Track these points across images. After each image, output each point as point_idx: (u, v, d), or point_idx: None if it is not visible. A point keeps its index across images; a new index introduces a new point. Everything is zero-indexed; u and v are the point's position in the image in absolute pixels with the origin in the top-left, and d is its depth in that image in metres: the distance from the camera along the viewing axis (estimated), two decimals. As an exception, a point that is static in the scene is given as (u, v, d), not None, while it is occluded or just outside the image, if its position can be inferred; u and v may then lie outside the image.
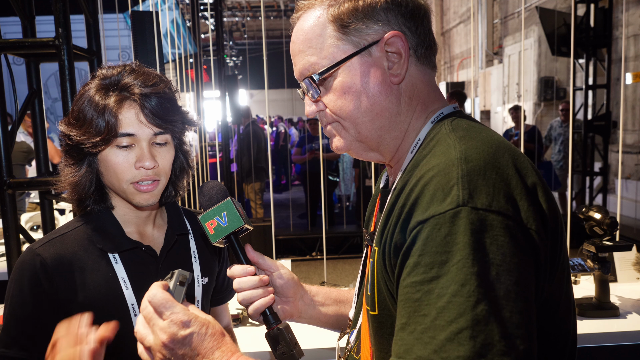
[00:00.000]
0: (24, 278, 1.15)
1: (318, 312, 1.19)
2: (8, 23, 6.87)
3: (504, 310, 0.68)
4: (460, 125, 0.88)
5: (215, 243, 1.06)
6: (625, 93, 7.99)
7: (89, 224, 1.22)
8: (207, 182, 1.12)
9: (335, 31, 0.90)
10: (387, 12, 0.89)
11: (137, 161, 1.15)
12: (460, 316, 0.67)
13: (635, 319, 2.08)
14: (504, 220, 0.72)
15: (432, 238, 0.72)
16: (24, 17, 2.51)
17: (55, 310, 1.15)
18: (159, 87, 1.16)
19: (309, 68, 0.94)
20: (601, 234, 2.08)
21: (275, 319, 1.06)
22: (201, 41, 7.26)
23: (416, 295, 0.72)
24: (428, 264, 0.72)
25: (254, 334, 2.01)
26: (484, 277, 0.68)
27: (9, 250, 2.46)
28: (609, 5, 7.21)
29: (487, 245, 0.70)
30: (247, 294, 1.05)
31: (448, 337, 0.67)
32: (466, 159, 0.77)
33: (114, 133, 1.12)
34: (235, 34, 19.53)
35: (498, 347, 0.66)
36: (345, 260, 6.58)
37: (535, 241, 0.74)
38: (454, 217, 0.72)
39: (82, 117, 1.14)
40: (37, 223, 3.58)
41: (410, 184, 0.81)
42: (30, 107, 2.59)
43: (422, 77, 0.94)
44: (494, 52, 12.75)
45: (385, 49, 0.89)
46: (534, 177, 0.80)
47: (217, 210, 1.05)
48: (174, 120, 1.18)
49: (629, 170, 8.05)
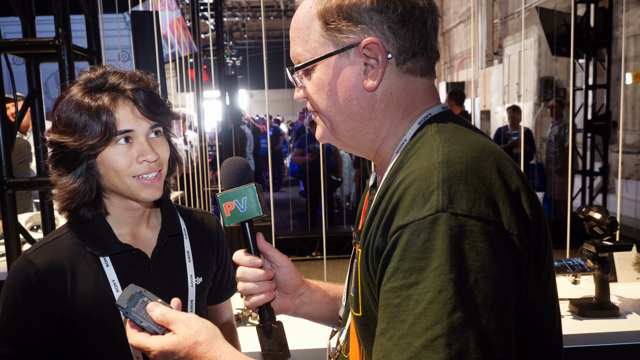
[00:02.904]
0: (17, 284, 1.18)
1: (314, 309, 1.19)
2: (8, 23, 6.87)
3: (481, 318, 0.67)
4: (447, 127, 0.86)
5: (228, 225, 1.05)
6: (625, 93, 7.99)
7: (80, 228, 1.23)
8: (232, 158, 1.08)
9: (320, 27, 0.89)
10: (372, 14, 0.86)
11: (140, 155, 1.16)
12: (437, 323, 0.66)
13: (635, 319, 2.08)
14: (484, 226, 0.71)
15: (412, 244, 0.72)
16: (24, 17, 2.51)
17: (47, 313, 1.18)
18: (145, 82, 1.20)
19: (296, 57, 0.95)
20: (601, 234, 2.08)
21: (271, 316, 1.06)
22: (201, 41, 7.26)
23: (395, 300, 0.72)
24: (407, 270, 0.71)
25: (254, 334, 2.00)
26: (461, 284, 0.68)
27: (9, 250, 2.46)
28: (609, 5, 7.21)
29: (466, 252, 0.69)
30: (248, 285, 1.05)
31: (424, 344, 0.66)
32: (448, 163, 0.76)
33: (114, 132, 1.13)
34: (235, 34, 19.53)
35: (474, 355, 0.65)
36: (345, 260, 6.58)
37: (517, 247, 0.73)
38: (433, 222, 0.71)
39: (74, 123, 1.14)
40: (37, 223, 3.58)
41: (393, 186, 0.81)
42: (30, 107, 2.59)
43: (405, 85, 0.90)
44: (494, 52, 12.75)
45: (364, 53, 0.87)
46: (518, 181, 0.79)
47: (237, 193, 1.02)
48: (164, 112, 1.21)
49: (629, 170, 8.05)
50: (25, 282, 1.17)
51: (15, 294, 1.17)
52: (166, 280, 1.28)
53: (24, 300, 1.17)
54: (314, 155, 7.49)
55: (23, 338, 1.17)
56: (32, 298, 1.17)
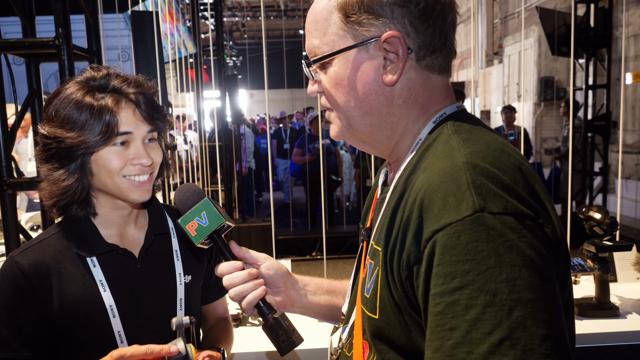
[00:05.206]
0: (4, 284, 1.19)
1: (310, 301, 1.19)
2: (8, 23, 6.88)
3: (538, 313, 0.66)
4: (463, 127, 0.86)
5: (199, 244, 1.07)
6: (625, 93, 7.99)
7: (67, 230, 1.25)
8: (181, 186, 1.14)
9: (339, 19, 0.88)
10: (394, 8, 0.85)
11: (135, 158, 1.18)
12: (498, 326, 0.65)
13: (635, 319, 2.08)
14: (521, 221, 0.71)
15: (452, 246, 0.70)
16: (24, 17, 2.51)
17: (37, 312, 1.19)
18: (146, 87, 1.22)
19: (312, 50, 0.93)
20: (601, 234, 2.08)
21: (270, 309, 1.07)
22: (201, 41, 7.26)
23: (437, 308, 0.70)
24: (448, 274, 0.69)
25: (254, 334, 2.01)
26: (513, 283, 0.66)
27: (9, 251, 2.46)
28: (609, 5, 7.21)
29: (511, 249, 0.68)
30: (237, 289, 1.05)
31: (489, 351, 0.64)
32: (472, 163, 0.75)
33: (115, 132, 1.15)
34: (235, 34, 19.52)
35: (540, 351, 0.64)
36: (346, 260, 6.57)
37: (551, 239, 0.74)
38: (473, 223, 0.69)
39: (73, 120, 1.14)
40: (37, 223, 3.58)
41: (414, 187, 0.79)
42: (30, 107, 2.58)
43: (423, 81, 0.90)
44: (494, 52, 12.75)
45: (384, 47, 0.86)
46: (537, 180, 0.80)
47: (195, 211, 1.06)
48: (162, 118, 1.24)
49: (629, 170, 8.05)
50: (13, 282, 1.18)
51: (5, 295, 1.18)
52: (154, 278, 1.29)
53: (14, 300, 1.18)
54: (313, 155, 7.49)
55: (17, 339, 1.18)
56: (21, 297, 1.18)
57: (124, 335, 1.21)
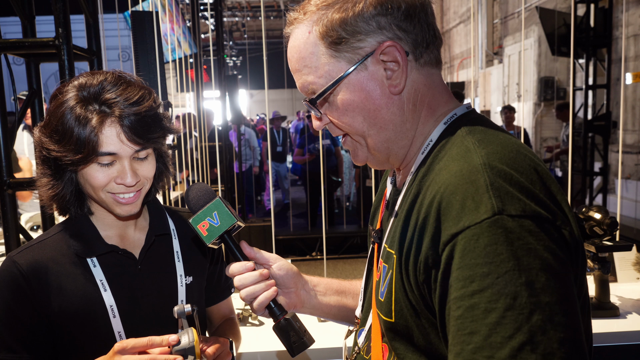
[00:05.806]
0: (3, 284, 1.19)
1: (320, 301, 1.19)
2: (8, 23, 6.88)
3: (556, 316, 0.66)
4: (477, 128, 0.86)
5: (210, 244, 1.06)
6: (625, 93, 7.99)
7: (67, 230, 1.25)
8: (192, 185, 1.12)
9: (327, 48, 0.87)
10: (378, 18, 0.85)
11: (118, 177, 1.14)
12: (518, 330, 0.65)
13: (635, 319, 2.08)
14: (539, 223, 0.70)
15: (471, 249, 0.69)
16: (24, 17, 2.50)
17: (36, 312, 1.19)
18: (143, 105, 1.13)
19: (308, 87, 0.91)
20: (601, 234, 2.08)
21: (281, 310, 1.06)
22: (201, 41, 7.26)
23: (457, 312, 0.69)
24: (467, 277, 0.69)
25: (254, 334, 2.01)
26: (532, 286, 0.66)
27: (9, 251, 2.46)
28: (609, 5, 7.21)
29: (530, 252, 0.68)
30: (249, 289, 1.05)
31: (510, 354, 0.64)
32: (489, 165, 0.75)
33: (95, 152, 1.10)
34: (235, 34, 19.52)
35: (559, 355, 0.64)
36: (346, 260, 6.58)
37: (568, 241, 0.73)
38: (492, 226, 0.69)
39: (62, 131, 1.10)
40: (37, 223, 3.58)
41: (428, 190, 0.79)
42: (30, 107, 2.58)
43: (425, 79, 0.90)
44: (494, 52, 12.75)
45: (381, 59, 0.86)
46: (553, 181, 0.79)
47: (207, 211, 1.05)
48: (154, 137, 1.17)
49: (629, 170, 8.05)
50: (13, 282, 1.18)
51: (5, 295, 1.18)
52: (155, 279, 1.28)
53: (14, 300, 1.18)
54: (313, 155, 7.49)
55: (16, 339, 1.18)
56: (20, 297, 1.18)
57: (124, 335, 1.21)
